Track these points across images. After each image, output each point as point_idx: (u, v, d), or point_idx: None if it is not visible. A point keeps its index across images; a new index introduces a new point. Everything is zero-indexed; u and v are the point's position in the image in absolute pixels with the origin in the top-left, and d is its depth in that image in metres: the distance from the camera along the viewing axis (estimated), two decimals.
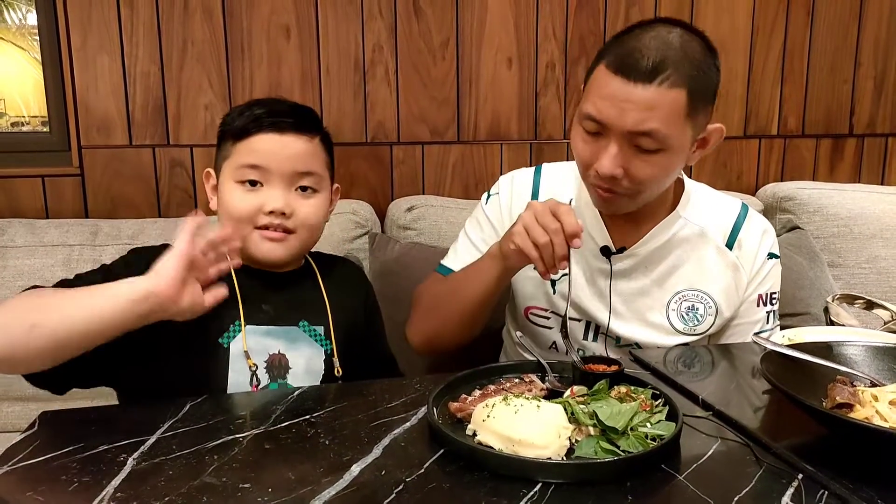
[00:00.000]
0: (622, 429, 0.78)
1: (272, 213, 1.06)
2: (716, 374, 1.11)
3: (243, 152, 1.08)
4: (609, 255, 1.21)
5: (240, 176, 1.07)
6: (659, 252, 1.21)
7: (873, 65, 2.22)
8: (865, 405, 0.80)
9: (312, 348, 1.13)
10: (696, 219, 1.22)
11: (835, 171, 2.26)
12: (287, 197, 1.08)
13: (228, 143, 1.10)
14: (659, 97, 1.01)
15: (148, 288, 0.87)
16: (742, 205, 1.27)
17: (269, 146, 1.07)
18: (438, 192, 1.99)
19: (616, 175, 1.06)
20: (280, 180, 1.07)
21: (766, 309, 1.25)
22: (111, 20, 1.77)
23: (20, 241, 1.61)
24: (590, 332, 1.25)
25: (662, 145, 1.04)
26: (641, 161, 1.06)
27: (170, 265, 0.88)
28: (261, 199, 1.07)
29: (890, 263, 1.97)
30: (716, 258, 1.22)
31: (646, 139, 1.04)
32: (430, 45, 1.93)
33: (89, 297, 0.89)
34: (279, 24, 1.84)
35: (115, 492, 0.71)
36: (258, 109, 1.09)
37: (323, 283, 1.18)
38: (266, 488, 0.71)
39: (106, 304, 0.87)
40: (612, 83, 1.04)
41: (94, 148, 1.81)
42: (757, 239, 1.23)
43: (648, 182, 1.08)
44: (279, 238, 1.08)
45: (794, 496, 0.69)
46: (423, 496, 0.70)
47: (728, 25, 2.10)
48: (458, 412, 0.86)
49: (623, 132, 1.04)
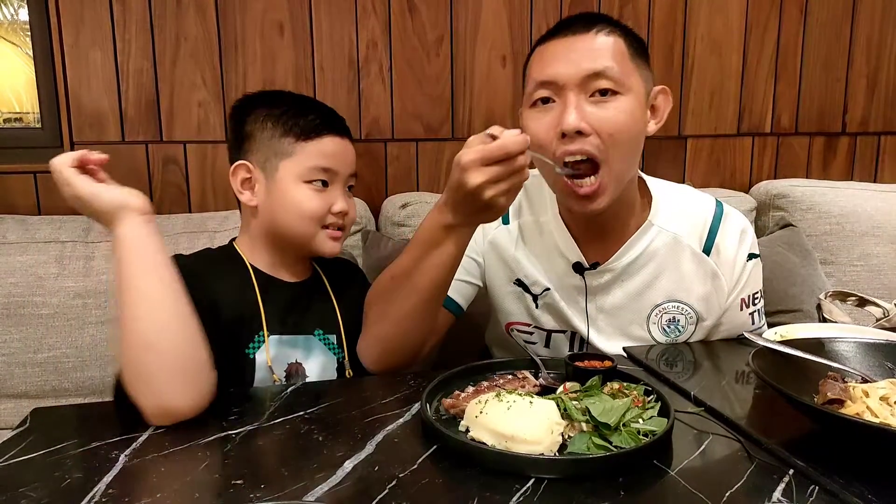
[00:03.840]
0: (614, 425, 0.78)
1: (339, 214, 1.13)
2: (708, 370, 1.11)
3: (314, 154, 1.10)
4: (582, 271, 1.18)
5: (310, 176, 1.10)
6: (634, 265, 1.17)
7: (866, 63, 2.23)
8: (856, 401, 0.80)
9: (326, 356, 1.14)
10: (669, 226, 1.17)
11: (828, 169, 2.27)
12: (345, 197, 1.15)
13: (288, 140, 1.11)
14: (600, 41, 1.04)
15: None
16: (716, 204, 1.21)
17: (336, 149, 1.13)
18: (433, 190, 1.99)
19: (582, 129, 1.01)
20: (341, 182, 1.14)
21: (749, 311, 1.22)
22: (103, 16, 1.76)
23: (12, 238, 1.60)
24: (575, 344, 1.24)
25: (618, 87, 1.03)
26: (602, 109, 1.03)
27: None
28: (329, 199, 1.12)
29: (882, 261, 1.98)
30: (693, 266, 1.17)
31: (601, 80, 1.02)
32: (425, 42, 1.93)
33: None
34: (273, 21, 1.83)
35: (107, 488, 0.71)
36: (317, 112, 1.13)
37: (333, 291, 1.20)
38: (259, 484, 0.71)
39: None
40: (551, 45, 1.06)
41: (87, 144, 1.80)
42: (735, 243, 1.18)
43: (616, 134, 1.03)
44: (339, 236, 1.15)
45: (786, 492, 0.70)
46: (416, 492, 0.70)
47: (722, 23, 2.10)
48: (451, 408, 0.86)
49: (576, 81, 1.02)
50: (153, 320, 0.88)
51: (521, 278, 1.24)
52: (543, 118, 1.06)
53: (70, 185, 0.92)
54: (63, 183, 0.93)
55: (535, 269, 1.22)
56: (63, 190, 0.93)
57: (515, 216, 1.25)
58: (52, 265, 1.58)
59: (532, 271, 1.22)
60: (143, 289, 0.90)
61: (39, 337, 1.55)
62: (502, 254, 1.24)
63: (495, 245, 1.25)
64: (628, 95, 1.04)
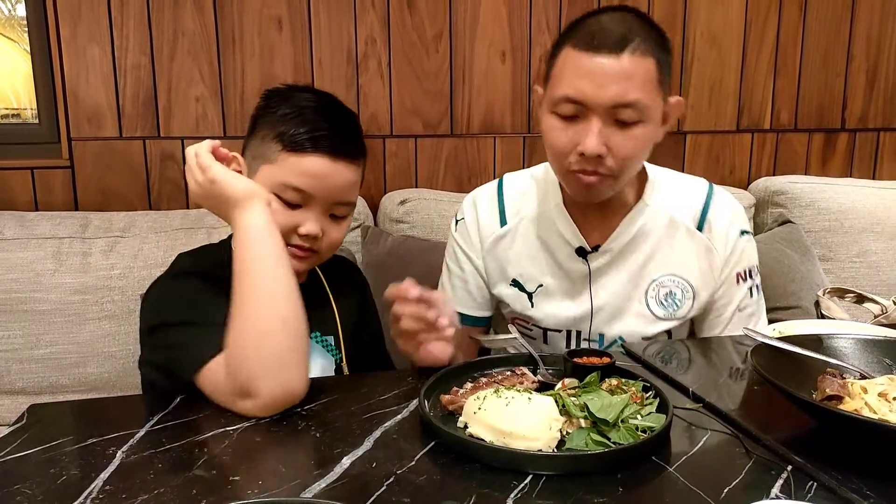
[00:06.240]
0: (613, 421, 0.78)
1: (305, 237, 1.06)
2: (706, 366, 1.11)
3: (292, 170, 1.03)
4: (585, 255, 1.21)
5: (281, 192, 1.04)
6: (632, 244, 1.21)
7: (866, 59, 2.23)
8: (855, 397, 0.80)
9: (325, 358, 1.14)
10: (663, 205, 1.22)
11: (827, 166, 2.27)
12: (321, 222, 1.07)
13: (274, 146, 1.04)
14: (633, 66, 1.03)
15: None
16: (708, 185, 1.27)
17: (319, 170, 1.04)
18: (431, 186, 1.98)
19: (602, 153, 1.05)
20: (319, 206, 1.06)
21: (746, 285, 1.24)
22: (101, 11, 1.75)
23: (9, 234, 1.60)
24: (571, 341, 1.26)
25: (642, 116, 1.05)
26: (623, 136, 1.05)
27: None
28: (297, 219, 1.05)
29: (881, 257, 1.99)
30: (688, 242, 1.22)
31: (627, 111, 1.04)
32: (424, 38, 1.92)
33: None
34: (271, 16, 1.83)
35: (103, 485, 0.70)
36: (315, 124, 1.04)
37: (331, 292, 1.19)
38: (256, 481, 0.71)
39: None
40: (585, 60, 1.04)
41: (85, 140, 1.80)
42: (726, 218, 1.23)
43: (630, 158, 1.08)
44: (304, 256, 1.08)
45: (784, 487, 0.69)
46: (415, 488, 0.70)
47: (721, 19, 2.10)
48: (449, 405, 0.86)
49: (604, 107, 1.03)
50: (286, 303, 0.91)
51: (516, 277, 1.26)
52: (565, 131, 1.08)
53: (208, 169, 0.95)
54: (201, 167, 0.96)
55: (530, 266, 1.24)
56: (194, 175, 0.97)
57: (514, 215, 1.27)
58: (50, 261, 1.57)
59: (527, 268, 1.24)
60: (274, 272, 0.92)
61: (38, 333, 1.54)
62: (499, 255, 1.27)
63: (493, 247, 1.28)
64: (649, 123, 1.07)
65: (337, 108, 1.11)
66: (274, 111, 1.07)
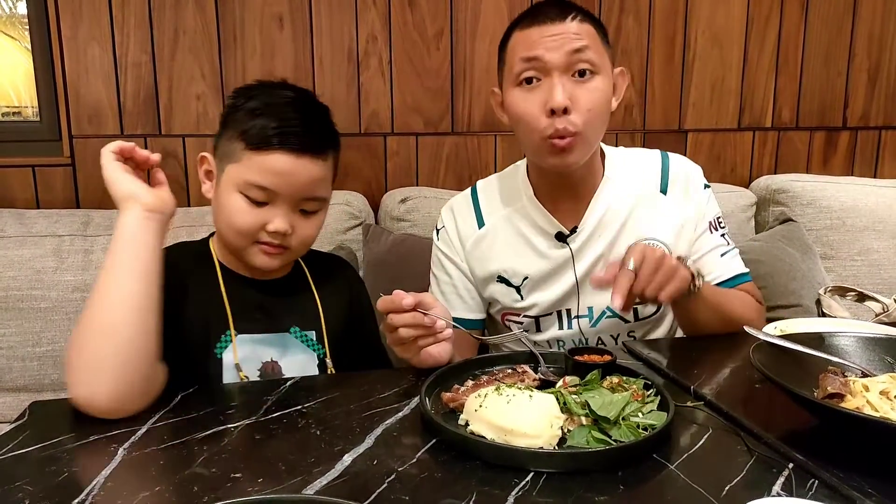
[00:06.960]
0: (614, 418, 0.78)
1: (274, 234, 1.05)
2: (707, 364, 1.11)
3: (255, 168, 1.02)
4: (565, 238, 1.25)
5: (246, 191, 1.03)
6: (605, 218, 1.26)
7: (867, 57, 2.22)
8: (856, 395, 0.80)
9: (305, 354, 1.12)
10: (626, 177, 1.28)
11: (828, 164, 2.27)
12: (290, 218, 1.06)
13: (238, 145, 1.03)
14: (577, 27, 1.14)
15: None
16: (660, 152, 1.34)
17: (283, 167, 1.02)
18: (432, 184, 1.98)
19: (567, 105, 1.11)
20: (286, 202, 1.05)
21: (719, 233, 1.30)
22: (102, 9, 1.75)
23: (10, 232, 1.60)
24: (563, 320, 1.29)
25: (594, 67, 1.13)
26: (582, 89, 1.13)
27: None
28: (265, 217, 1.04)
29: (882, 256, 1.98)
30: (656, 206, 1.28)
31: (582, 63, 1.13)
32: (425, 36, 1.92)
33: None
34: (272, 14, 1.83)
35: (105, 482, 0.71)
36: (278, 120, 1.02)
37: (315, 286, 1.18)
38: (257, 478, 0.71)
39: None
40: (533, 32, 1.14)
41: (85, 138, 1.80)
42: (685, 176, 1.29)
43: (592, 111, 1.14)
44: (276, 252, 1.07)
45: (785, 485, 0.69)
46: (415, 486, 0.70)
47: (723, 17, 2.10)
48: (450, 402, 0.86)
49: (561, 61, 1.12)
50: (120, 311, 0.90)
51: (502, 273, 1.29)
52: (532, 97, 1.15)
53: (104, 169, 0.98)
54: (101, 166, 0.99)
55: (514, 261, 1.28)
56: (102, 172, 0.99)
57: (490, 216, 1.31)
58: (50, 259, 1.57)
59: (511, 263, 1.28)
60: (118, 279, 0.92)
61: (38, 331, 1.55)
62: (482, 255, 1.31)
63: (475, 248, 1.31)
64: (601, 75, 1.15)
65: (303, 103, 1.09)
66: (238, 109, 1.06)
